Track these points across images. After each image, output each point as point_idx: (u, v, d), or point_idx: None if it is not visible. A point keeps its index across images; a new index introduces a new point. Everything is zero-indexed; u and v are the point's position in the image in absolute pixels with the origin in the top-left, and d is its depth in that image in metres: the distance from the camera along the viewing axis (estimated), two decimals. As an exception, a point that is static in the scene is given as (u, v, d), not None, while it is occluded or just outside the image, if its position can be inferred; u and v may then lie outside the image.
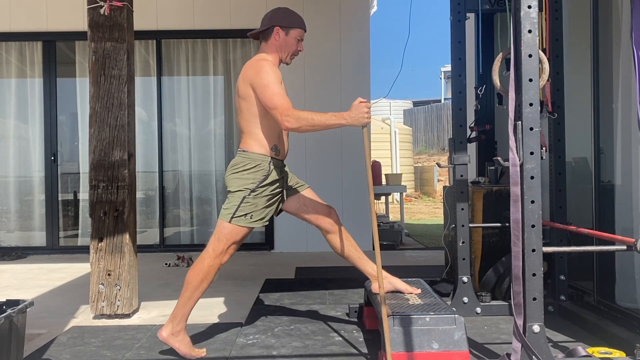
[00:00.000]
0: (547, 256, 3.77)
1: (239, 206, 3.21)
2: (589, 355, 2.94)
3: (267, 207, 3.29)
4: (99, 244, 4.05)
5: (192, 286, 3.21)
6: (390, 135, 15.59)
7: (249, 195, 3.22)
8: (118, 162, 4.07)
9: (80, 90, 7.30)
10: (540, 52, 2.94)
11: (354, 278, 5.21)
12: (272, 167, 3.26)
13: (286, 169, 3.45)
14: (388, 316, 2.90)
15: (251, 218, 3.23)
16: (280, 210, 3.47)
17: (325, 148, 7.14)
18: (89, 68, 4.10)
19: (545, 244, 2.79)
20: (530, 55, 2.68)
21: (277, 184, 3.32)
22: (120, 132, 4.08)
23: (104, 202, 4.07)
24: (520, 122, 2.67)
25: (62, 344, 3.49)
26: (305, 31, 3.41)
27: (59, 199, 7.33)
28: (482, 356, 3.16)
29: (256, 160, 3.24)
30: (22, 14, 7.21)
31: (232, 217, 3.21)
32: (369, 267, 3.45)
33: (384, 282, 3.42)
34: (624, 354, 3.00)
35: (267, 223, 3.37)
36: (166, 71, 7.35)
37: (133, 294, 4.15)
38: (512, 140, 2.69)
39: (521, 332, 2.67)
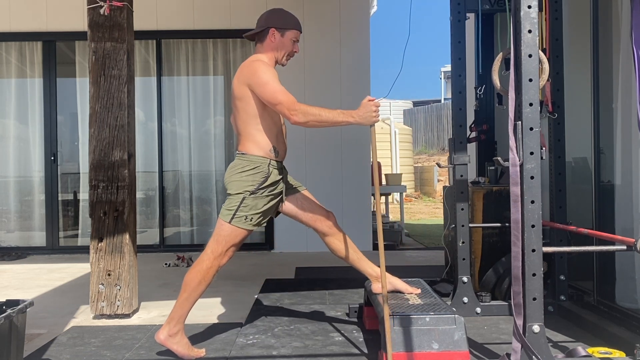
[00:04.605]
0: (547, 256, 3.77)
1: (238, 207, 3.21)
2: (589, 355, 2.93)
3: (266, 209, 3.28)
4: (99, 244, 4.05)
5: (190, 288, 3.20)
6: (390, 135, 15.59)
7: (249, 196, 3.22)
8: (118, 162, 4.07)
9: (80, 90, 7.30)
10: (540, 52, 2.94)
11: (354, 278, 5.21)
12: (271, 169, 3.26)
13: (284, 171, 3.45)
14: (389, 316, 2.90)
15: (251, 220, 3.23)
16: (278, 213, 3.47)
17: (325, 148, 7.14)
18: (89, 68, 4.10)
19: (545, 244, 2.79)
20: (530, 55, 2.68)
21: (277, 186, 3.31)
22: (120, 132, 4.08)
23: (104, 202, 4.07)
24: (520, 122, 2.67)
25: (62, 344, 3.49)
26: (301, 32, 3.42)
27: (59, 199, 7.33)
28: (482, 356, 3.16)
29: (255, 163, 3.24)
30: (22, 14, 7.21)
31: (232, 218, 3.21)
32: (369, 268, 3.45)
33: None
34: (624, 354, 3.00)
35: (265, 224, 3.38)
36: (166, 71, 7.35)
37: (133, 294, 4.15)
38: (512, 140, 2.69)
39: (521, 332, 2.67)
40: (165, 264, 6.20)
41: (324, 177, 7.05)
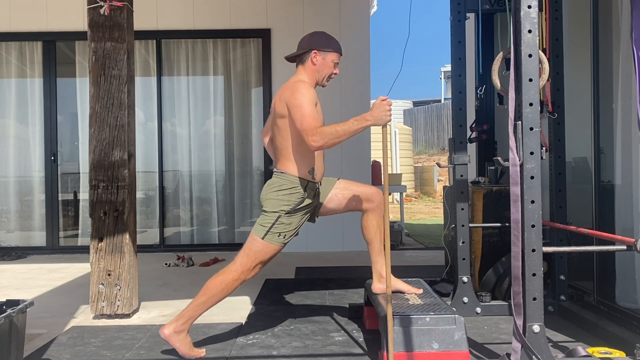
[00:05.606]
0: (547, 256, 3.78)
1: (273, 224, 3.23)
2: (589, 355, 2.94)
3: (299, 225, 3.33)
4: (99, 244, 4.05)
5: (211, 293, 3.22)
6: (390, 135, 15.60)
7: (284, 215, 3.24)
8: (118, 162, 4.07)
9: (80, 90, 7.30)
10: (540, 52, 2.94)
11: (354, 278, 5.22)
12: (308, 191, 3.30)
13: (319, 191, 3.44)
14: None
15: (284, 237, 3.26)
16: (317, 216, 3.49)
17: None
18: (89, 68, 4.10)
19: (545, 244, 2.79)
20: (530, 55, 2.68)
21: (310, 205, 3.35)
22: (120, 132, 4.08)
23: (104, 202, 4.07)
24: (520, 122, 2.67)
25: (62, 344, 3.50)
26: (341, 55, 3.44)
27: (59, 199, 7.33)
28: (482, 356, 3.16)
29: (293, 183, 3.27)
30: (22, 14, 7.21)
31: (265, 234, 3.22)
32: (379, 265, 3.46)
33: (384, 282, 3.43)
34: (624, 354, 3.01)
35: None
36: (166, 71, 7.35)
37: (133, 294, 4.15)
38: (512, 140, 2.69)
39: (521, 332, 2.67)
40: (165, 264, 6.20)
41: (324, 177, 7.03)
